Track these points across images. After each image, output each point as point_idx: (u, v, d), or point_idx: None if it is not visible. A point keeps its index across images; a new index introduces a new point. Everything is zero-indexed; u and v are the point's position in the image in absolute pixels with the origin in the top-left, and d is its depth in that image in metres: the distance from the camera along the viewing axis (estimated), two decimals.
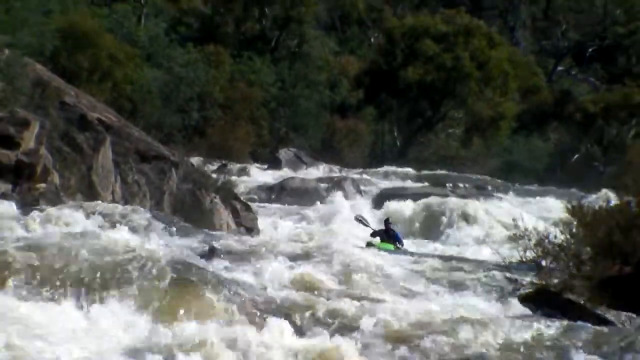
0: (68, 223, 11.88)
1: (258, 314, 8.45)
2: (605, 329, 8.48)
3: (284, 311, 8.60)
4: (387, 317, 8.52)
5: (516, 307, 9.82)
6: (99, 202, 14.34)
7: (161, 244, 11.08)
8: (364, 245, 15.41)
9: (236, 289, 8.92)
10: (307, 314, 8.60)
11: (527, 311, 9.47)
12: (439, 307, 9.23)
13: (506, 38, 44.36)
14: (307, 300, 9.08)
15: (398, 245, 16.18)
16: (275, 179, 26.53)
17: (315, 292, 9.74)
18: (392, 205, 23.28)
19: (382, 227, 16.76)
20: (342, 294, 9.80)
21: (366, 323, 8.25)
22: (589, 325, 8.52)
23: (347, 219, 21.91)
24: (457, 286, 11.21)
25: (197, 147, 29.01)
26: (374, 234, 16.48)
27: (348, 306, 8.94)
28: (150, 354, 7.07)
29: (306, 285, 10.01)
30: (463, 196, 24.48)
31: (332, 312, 8.73)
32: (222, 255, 11.22)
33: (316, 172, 29.22)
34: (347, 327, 8.24)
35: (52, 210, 12.68)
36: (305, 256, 11.90)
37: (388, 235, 16.36)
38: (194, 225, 14.58)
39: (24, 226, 11.31)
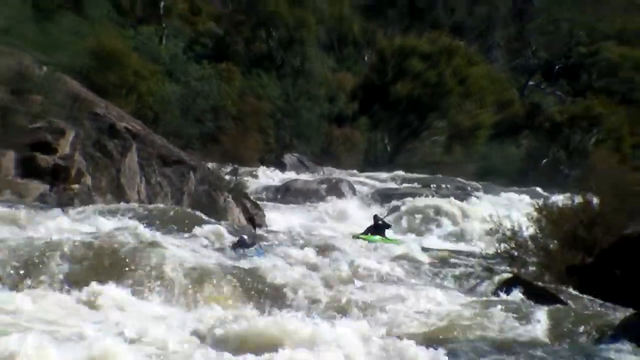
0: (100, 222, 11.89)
1: (274, 301, 8.47)
2: (569, 311, 8.52)
3: (299, 297, 8.62)
4: (387, 304, 8.55)
5: (492, 293, 9.85)
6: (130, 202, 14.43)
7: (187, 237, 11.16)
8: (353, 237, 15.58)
9: (255, 277, 8.94)
10: (315, 301, 8.63)
11: (502, 297, 9.50)
12: (423, 296, 9.20)
13: (484, 57, 44.35)
14: (316, 289, 9.10)
15: (386, 234, 16.24)
16: (280, 180, 26.51)
17: (320, 279, 9.78)
18: (383, 204, 23.28)
19: (376, 221, 16.84)
20: (343, 282, 9.84)
21: (366, 312, 8.28)
22: (556, 308, 8.57)
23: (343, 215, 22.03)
24: (439, 276, 11.23)
25: (212, 153, 28.91)
26: (365, 232, 16.54)
27: (347, 295, 8.98)
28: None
29: (312, 273, 10.04)
30: (446, 196, 24.46)
31: (334, 300, 8.76)
32: (249, 246, 11.27)
33: (317, 174, 29.21)
34: (350, 315, 8.27)
35: (87, 209, 12.73)
36: (309, 247, 11.96)
37: (376, 229, 16.42)
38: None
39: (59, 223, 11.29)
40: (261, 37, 39.23)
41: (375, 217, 17.00)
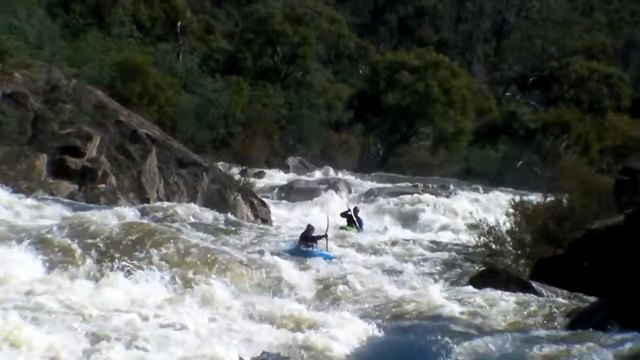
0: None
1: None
2: (541, 299, 8.46)
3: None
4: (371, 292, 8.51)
5: (470, 282, 9.77)
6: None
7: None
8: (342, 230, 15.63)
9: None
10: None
11: (479, 286, 9.39)
12: (403, 283, 9.12)
13: (465, 70, 44.27)
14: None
15: (359, 230, 16.14)
16: (284, 180, 26.43)
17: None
18: (375, 201, 23.15)
19: (356, 213, 16.80)
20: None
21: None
22: (529, 296, 8.50)
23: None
24: (424, 264, 11.15)
25: (223, 156, 28.85)
26: (344, 214, 16.53)
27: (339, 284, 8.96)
28: None
29: None
30: (431, 194, 24.35)
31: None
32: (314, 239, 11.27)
33: (317, 175, 29.11)
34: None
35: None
36: None
37: (353, 221, 16.33)
38: None
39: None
40: (268, 53, 39.18)
41: (355, 209, 17.07)
